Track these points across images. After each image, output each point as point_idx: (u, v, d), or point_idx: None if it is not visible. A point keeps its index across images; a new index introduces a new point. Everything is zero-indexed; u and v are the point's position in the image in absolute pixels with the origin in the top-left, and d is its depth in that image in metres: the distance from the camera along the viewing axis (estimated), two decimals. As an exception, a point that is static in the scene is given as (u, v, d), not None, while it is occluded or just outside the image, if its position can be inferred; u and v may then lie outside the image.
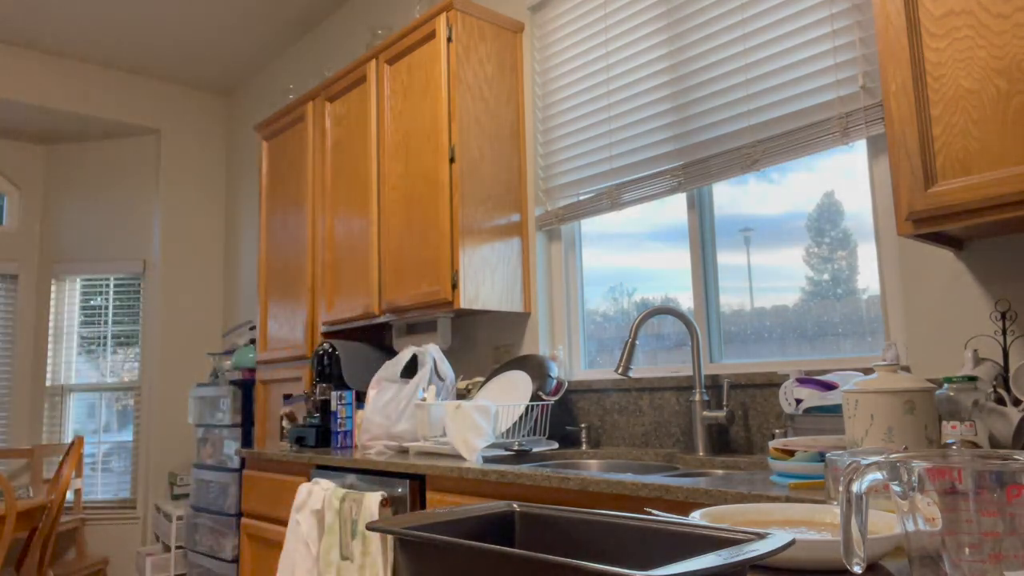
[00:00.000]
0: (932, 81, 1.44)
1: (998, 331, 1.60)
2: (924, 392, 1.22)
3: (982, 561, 0.49)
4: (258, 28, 4.24)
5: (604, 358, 2.63)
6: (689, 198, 2.34)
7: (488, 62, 2.73)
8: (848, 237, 2.04)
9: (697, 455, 2.02)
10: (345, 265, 3.08)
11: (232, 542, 3.52)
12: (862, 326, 1.96)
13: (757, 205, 2.25)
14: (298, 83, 4.33)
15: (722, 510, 0.78)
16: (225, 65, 4.67)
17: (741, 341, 2.23)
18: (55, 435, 4.69)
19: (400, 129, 2.84)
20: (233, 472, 3.59)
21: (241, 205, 4.81)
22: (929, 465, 0.51)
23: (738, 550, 0.46)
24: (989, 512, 0.49)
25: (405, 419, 2.45)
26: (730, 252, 2.29)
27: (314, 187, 3.33)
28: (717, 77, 2.19)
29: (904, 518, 0.53)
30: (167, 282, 4.69)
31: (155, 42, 4.33)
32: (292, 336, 3.37)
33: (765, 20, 2.09)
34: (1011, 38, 1.34)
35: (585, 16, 2.62)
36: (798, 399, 1.74)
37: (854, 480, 0.53)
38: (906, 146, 1.46)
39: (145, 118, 4.73)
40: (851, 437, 1.27)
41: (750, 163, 2.09)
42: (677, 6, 2.32)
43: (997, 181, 1.33)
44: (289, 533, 2.30)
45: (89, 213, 4.82)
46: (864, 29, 1.87)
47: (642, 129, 2.39)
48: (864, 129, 1.85)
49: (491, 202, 2.66)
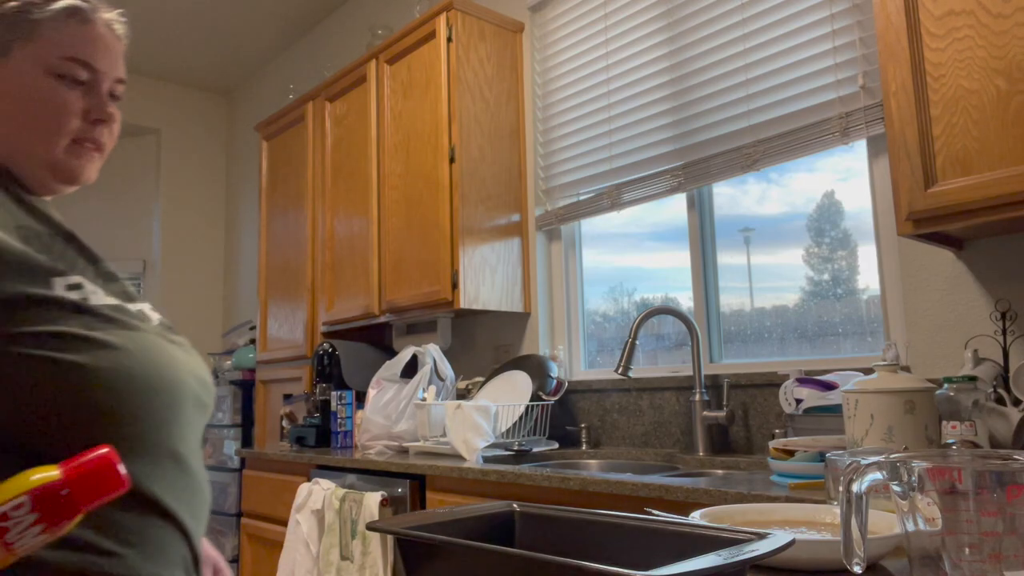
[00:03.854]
0: (932, 81, 1.44)
1: (998, 331, 1.60)
2: (924, 392, 1.22)
3: (982, 561, 0.49)
4: (258, 28, 4.24)
5: (604, 358, 2.63)
6: (689, 198, 2.34)
7: (488, 62, 2.73)
8: (848, 237, 2.04)
9: (697, 455, 2.02)
10: (345, 265, 3.08)
11: (232, 542, 3.53)
12: (862, 326, 1.96)
13: (757, 205, 2.25)
14: (298, 83, 4.33)
15: (722, 510, 0.78)
16: (225, 65, 4.67)
17: (741, 341, 2.23)
18: (55, 435, 4.69)
19: (400, 129, 2.84)
20: (233, 472, 3.59)
21: (241, 205, 4.81)
22: (929, 465, 0.51)
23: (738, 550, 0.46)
24: (989, 512, 0.49)
25: (405, 419, 2.45)
26: (730, 252, 2.29)
27: (314, 187, 3.33)
28: (717, 77, 2.19)
29: (904, 518, 0.54)
30: (167, 282, 4.69)
31: (155, 42, 4.33)
32: (292, 336, 3.37)
33: (765, 20, 2.09)
34: (1011, 38, 1.34)
35: (585, 16, 2.62)
36: (798, 399, 1.74)
37: (854, 480, 0.53)
38: (906, 146, 1.46)
39: (145, 118, 4.73)
40: (851, 437, 1.27)
41: (750, 163, 2.09)
42: (677, 6, 2.32)
43: (997, 181, 1.33)
44: (289, 533, 2.30)
45: (89, 213, 4.82)
46: (864, 29, 1.87)
47: (642, 129, 2.39)
48: (864, 129, 1.85)
49: (491, 202, 2.66)
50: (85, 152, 0.88)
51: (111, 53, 0.90)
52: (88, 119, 0.87)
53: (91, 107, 0.87)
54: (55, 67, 0.85)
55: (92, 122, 0.88)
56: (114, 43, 0.91)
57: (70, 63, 0.86)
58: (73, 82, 0.86)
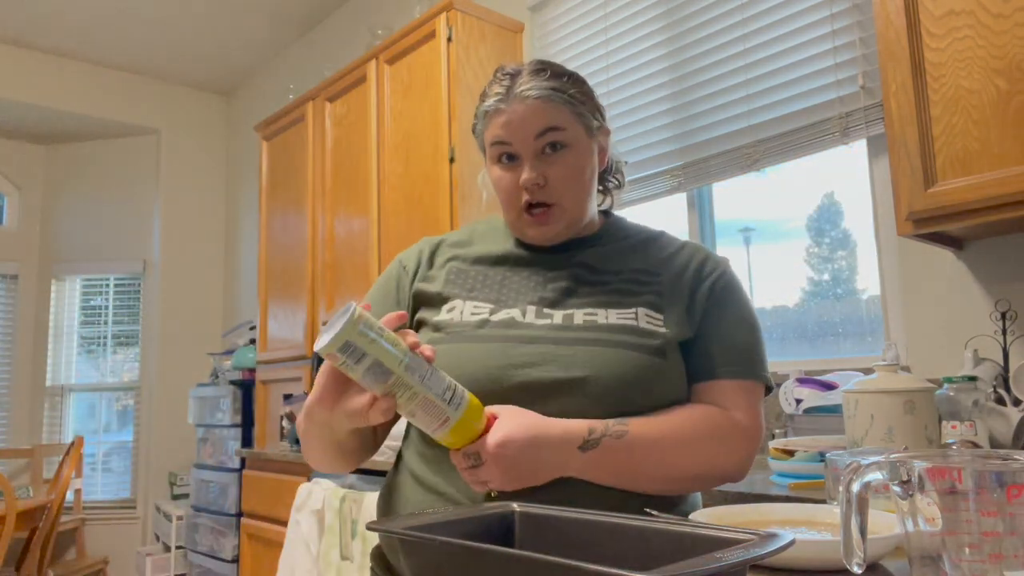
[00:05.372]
0: (932, 81, 1.44)
1: (998, 331, 1.60)
2: (924, 392, 1.22)
3: (982, 561, 0.49)
4: (258, 28, 4.24)
5: (604, 358, 2.62)
6: (689, 198, 2.34)
7: (488, 62, 2.73)
8: (848, 237, 2.04)
9: (697, 455, 2.02)
10: (345, 265, 3.08)
11: (232, 542, 3.52)
12: (862, 326, 1.96)
13: (757, 205, 2.25)
14: (298, 83, 4.33)
15: (722, 510, 0.78)
16: (225, 65, 4.67)
17: (741, 341, 2.22)
18: (55, 435, 4.70)
19: (400, 129, 2.84)
20: (233, 472, 3.59)
21: (241, 205, 4.81)
22: (929, 465, 0.51)
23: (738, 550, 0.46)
24: (989, 512, 0.49)
25: (405, 419, 2.45)
26: (730, 252, 2.29)
27: (314, 187, 3.33)
28: (717, 77, 2.19)
29: (904, 518, 0.54)
30: (167, 282, 4.69)
31: (155, 42, 4.33)
32: (292, 336, 3.37)
33: (765, 20, 2.09)
34: (1011, 38, 1.34)
35: (585, 16, 2.62)
36: (798, 399, 1.74)
37: (854, 480, 0.53)
38: (906, 146, 1.45)
39: (145, 118, 4.73)
40: (851, 437, 1.27)
41: (750, 163, 2.09)
42: (677, 6, 2.32)
43: (997, 181, 1.33)
44: (289, 533, 2.30)
45: (89, 213, 4.82)
46: (864, 29, 1.87)
47: (642, 129, 2.39)
48: (864, 129, 1.85)
49: (491, 201, 2.66)
50: (532, 216, 1.01)
51: (523, 120, 0.99)
52: (521, 188, 1.00)
53: (520, 178, 1.00)
54: (492, 154, 1.03)
55: (524, 189, 0.99)
56: (526, 110, 0.99)
57: (494, 147, 1.02)
58: (504, 160, 1.02)
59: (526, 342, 0.93)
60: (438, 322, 0.99)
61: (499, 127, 1.00)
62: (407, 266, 1.09)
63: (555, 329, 0.94)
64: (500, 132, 1.00)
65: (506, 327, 0.95)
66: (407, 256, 1.11)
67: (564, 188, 1.00)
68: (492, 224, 1.14)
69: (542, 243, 1.04)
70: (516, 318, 0.96)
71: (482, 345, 0.93)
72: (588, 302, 0.98)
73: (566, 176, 1.00)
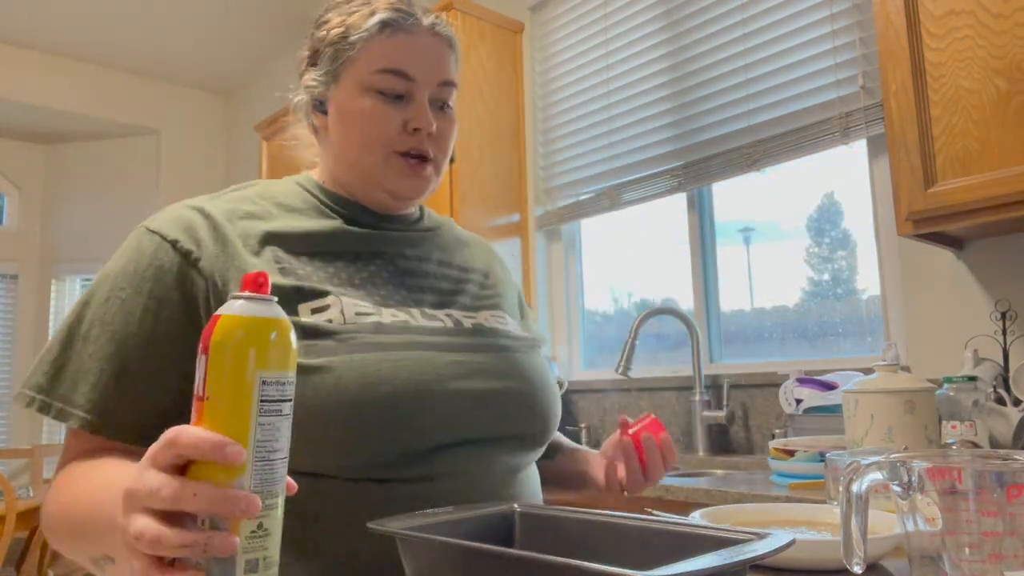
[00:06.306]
0: (932, 81, 1.44)
1: (998, 331, 1.60)
2: (924, 392, 1.22)
3: (982, 561, 0.49)
4: (258, 28, 4.24)
5: (604, 358, 2.62)
6: (689, 198, 2.34)
7: (488, 62, 2.73)
8: (848, 237, 2.04)
9: (697, 455, 2.02)
10: (345, 265, 3.08)
11: (232, 542, 3.52)
12: (862, 326, 1.96)
13: (757, 205, 2.25)
14: (298, 83, 4.33)
15: (722, 510, 0.78)
16: (225, 65, 4.66)
17: (741, 341, 2.23)
18: (55, 435, 4.69)
19: (400, 129, 2.84)
20: (233, 472, 3.59)
21: (241, 205, 4.81)
22: (929, 465, 0.51)
23: (738, 550, 0.46)
24: (989, 512, 0.49)
25: (405, 419, 2.45)
26: (730, 252, 2.29)
27: (314, 187, 3.33)
28: (717, 77, 2.19)
29: (904, 518, 0.54)
30: (167, 282, 4.68)
31: (155, 42, 4.33)
32: (292, 336, 3.37)
33: (765, 20, 2.09)
34: (1011, 38, 1.34)
35: (585, 16, 2.62)
36: (798, 399, 1.74)
37: (854, 480, 0.53)
38: (906, 146, 1.46)
39: (145, 118, 4.73)
40: (851, 437, 1.27)
41: (750, 163, 2.09)
42: (677, 6, 2.32)
43: (997, 181, 1.33)
44: (289, 533, 2.29)
45: (89, 213, 4.82)
46: (864, 29, 1.87)
47: (642, 129, 2.39)
48: (864, 129, 1.85)
49: (491, 202, 2.66)
50: (408, 165, 0.85)
51: (430, 58, 0.85)
52: (407, 130, 0.84)
53: (409, 117, 0.84)
54: (371, 83, 0.84)
55: (411, 132, 0.85)
56: (435, 47, 0.86)
57: (383, 75, 0.83)
58: (390, 95, 0.84)
59: (444, 350, 0.79)
60: (316, 326, 0.74)
61: (400, 52, 0.83)
62: (189, 250, 0.76)
63: (454, 334, 0.82)
64: (401, 59, 0.83)
65: (405, 332, 0.78)
66: (172, 230, 0.77)
67: (445, 149, 0.89)
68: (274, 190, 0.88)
69: (406, 198, 0.87)
70: (409, 321, 0.80)
71: (401, 353, 0.75)
72: (464, 303, 0.88)
73: (448, 138, 0.89)
